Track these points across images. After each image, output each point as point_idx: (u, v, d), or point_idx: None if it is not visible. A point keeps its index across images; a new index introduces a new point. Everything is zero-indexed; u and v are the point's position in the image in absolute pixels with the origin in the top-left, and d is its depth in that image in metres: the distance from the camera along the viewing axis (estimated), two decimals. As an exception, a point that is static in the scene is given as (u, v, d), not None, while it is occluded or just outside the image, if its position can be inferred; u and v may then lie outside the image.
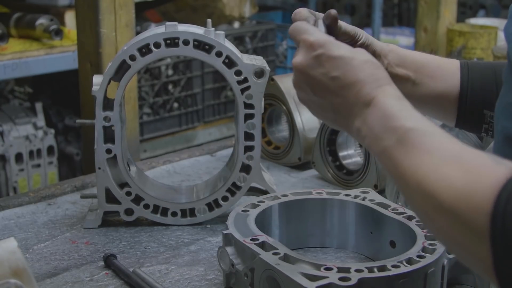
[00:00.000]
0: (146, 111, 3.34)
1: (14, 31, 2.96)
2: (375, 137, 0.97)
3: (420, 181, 0.87)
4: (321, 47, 1.03)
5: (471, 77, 1.25)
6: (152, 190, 1.61)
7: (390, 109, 0.96)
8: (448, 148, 0.89)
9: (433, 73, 1.26)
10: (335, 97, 1.02)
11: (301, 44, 1.07)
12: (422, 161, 0.88)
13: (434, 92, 1.25)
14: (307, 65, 1.04)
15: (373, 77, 1.01)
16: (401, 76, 1.25)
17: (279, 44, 3.96)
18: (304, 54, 1.05)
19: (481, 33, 2.94)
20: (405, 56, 1.26)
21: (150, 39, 1.49)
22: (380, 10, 4.44)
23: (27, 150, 3.09)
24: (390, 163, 0.94)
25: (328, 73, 1.02)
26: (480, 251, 0.80)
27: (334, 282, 1.09)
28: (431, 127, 0.93)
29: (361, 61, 1.02)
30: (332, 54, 1.02)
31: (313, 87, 1.05)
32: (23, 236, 1.52)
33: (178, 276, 1.36)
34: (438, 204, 0.84)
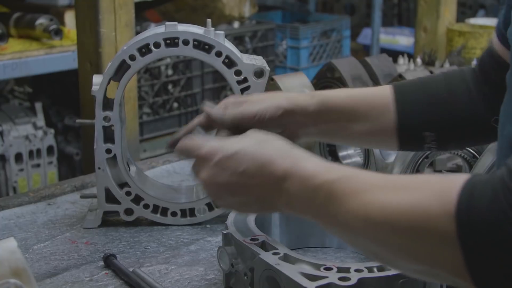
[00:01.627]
0: (146, 111, 3.34)
1: (14, 31, 2.96)
2: (303, 204, 0.96)
3: (366, 217, 0.86)
4: (215, 154, 1.04)
5: (404, 106, 1.23)
6: (152, 190, 1.60)
7: (306, 171, 0.96)
8: (382, 180, 0.89)
9: (366, 114, 1.24)
10: (252, 189, 1.02)
11: (197, 160, 1.08)
12: (360, 201, 0.87)
13: (370, 132, 1.24)
14: (213, 176, 1.05)
15: (275, 153, 1.01)
16: (334, 128, 1.25)
17: (279, 44, 3.96)
18: (204, 168, 1.06)
19: (481, 33, 2.94)
20: (333, 107, 1.23)
21: (150, 39, 1.49)
22: (379, 10, 4.44)
23: (27, 150, 3.09)
24: (327, 218, 0.93)
25: (235, 171, 1.02)
26: (449, 255, 0.79)
27: (334, 282, 1.10)
28: (352, 171, 0.93)
29: (256, 144, 1.03)
30: (228, 153, 1.03)
31: (229, 191, 1.05)
32: (23, 236, 1.52)
33: (178, 276, 1.36)
34: (392, 228, 0.84)
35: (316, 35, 4.01)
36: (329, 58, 3.95)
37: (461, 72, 1.27)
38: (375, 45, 4.42)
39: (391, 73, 2.21)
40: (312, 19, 4.39)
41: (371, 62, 2.22)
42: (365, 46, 4.85)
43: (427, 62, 2.79)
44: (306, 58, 3.97)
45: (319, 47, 4.03)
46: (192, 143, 1.09)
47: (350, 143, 1.30)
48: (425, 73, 2.07)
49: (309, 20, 4.38)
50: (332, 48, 4.11)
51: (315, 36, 4.01)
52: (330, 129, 1.25)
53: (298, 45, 3.94)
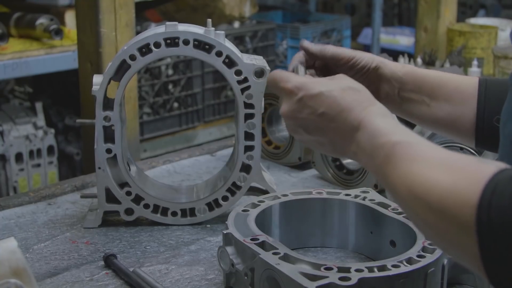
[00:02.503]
0: (146, 111, 3.34)
1: (14, 30, 2.96)
2: (368, 157, 1.01)
3: (409, 187, 0.91)
4: (300, 90, 1.09)
5: (488, 97, 1.23)
6: (152, 190, 1.61)
7: (376, 127, 1.01)
8: (433, 155, 0.92)
9: (450, 96, 1.25)
10: (327, 131, 1.07)
11: (282, 93, 1.12)
12: (409, 170, 0.92)
13: (450, 116, 1.25)
14: (293, 111, 1.09)
15: (355, 102, 1.05)
16: (415, 100, 1.26)
17: (279, 43, 3.96)
18: (287, 102, 1.10)
19: (481, 33, 2.94)
20: (421, 79, 1.26)
21: (150, 39, 1.49)
22: (380, 9, 4.44)
23: (27, 150, 3.09)
24: (383, 177, 0.98)
25: (315, 112, 1.07)
26: (468, 244, 0.82)
27: (334, 282, 1.09)
28: (415, 138, 0.97)
29: (340, 90, 1.07)
30: (312, 93, 1.07)
31: (306, 128, 1.10)
32: (23, 236, 1.52)
33: (178, 276, 1.36)
34: (427, 204, 0.87)
35: (316, 35, 4.01)
36: (329, 58, 3.94)
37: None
38: (375, 45, 4.42)
39: (391, 73, 2.20)
40: (312, 19, 4.39)
41: (371, 62, 2.22)
42: (365, 46, 4.85)
43: (428, 62, 2.80)
44: (307, 58, 3.96)
45: (320, 47, 4.03)
46: (280, 75, 1.12)
47: (427, 124, 1.29)
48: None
49: (309, 20, 4.38)
50: (333, 48, 4.10)
51: (316, 36, 4.01)
52: (411, 101, 1.25)
53: (299, 45, 3.94)
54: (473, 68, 2.53)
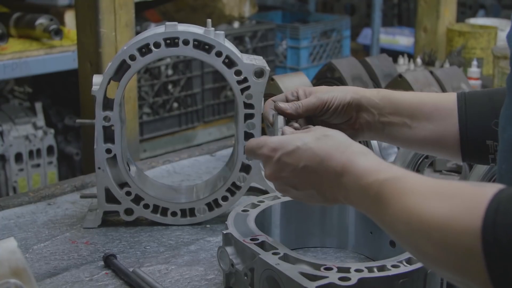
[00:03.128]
0: (146, 111, 3.34)
1: (14, 31, 2.96)
2: (358, 199, 1.00)
3: (406, 223, 0.89)
4: (276, 151, 1.09)
5: (468, 110, 1.23)
6: (152, 190, 1.61)
7: (360, 168, 1.00)
8: (424, 186, 0.91)
9: (429, 115, 1.24)
10: (314, 183, 1.07)
11: (261, 159, 1.13)
12: (403, 205, 0.91)
13: (433, 135, 1.24)
14: (276, 172, 1.09)
15: (333, 148, 1.05)
16: (396, 123, 1.25)
17: (279, 44, 3.96)
18: (268, 165, 1.11)
19: (481, 33, 2.94)
20: (398, 102, 1.25)
21: (150, 39, 1.49)
22: (380, 10, 4.45)
23: (26, 150, 3.09)
24: (377, 217, 0.97)
25: (296, 167, 1.07)
26: (475, 269, 0.81)
27: (334, 282, 1.10)
28: (402, 172, 0.96)
29: (315, 140, 1.07)
30: (288, 150, 1.07)
31: (292, 185, 1.10)
32: (23, 236, 1.52)
33: (178, 276, 1.36)
34: (427, 235, 0.86)
35: (316, 35, 4.01)
36: (329, 58, 3.95)
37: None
38: (375, 45, 4.42)
39: (391, 73, 2.21)
40: (312, 19, 4.39)
41: (371, 62, 2.22)
42: (365, 46, 4.85)
43: (427, 62, 2.80)
44: (306, 58, 3.97)
45: (319, 47, 4.03)
46: (256, 142, 1.13)
47: (412, 146, 1.29)
48: (425, 73, 2.07)
49: (309, 20, 4.38)
50: (332, 48, 4.11)
51: (315, 36, 4.01)
52: (393, 125, 1.25)
53: (298, 45, 3.94)
54: (473, 68, 2.53)
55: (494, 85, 2.49)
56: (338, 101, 1.24)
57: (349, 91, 1.26)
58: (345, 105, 1.24)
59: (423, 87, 2.00)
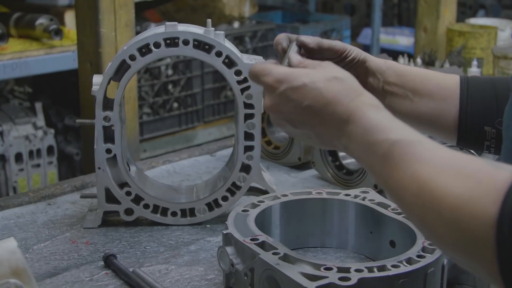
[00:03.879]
0: (146, 111, 3.34)
1: (14, 31, 2.96)
2: (362, 153, 0.96)
3: (416, 193, 0.86)
4: (281, 83, 1.03)
5: (470, 94, 1.22)
6: (152, 190, 1.61)
7: (370, 122, 0.95)
8: (440, 156, 0.87)
9: (432, 91, 1.23)
10: (314, 125, 1.02)
11: (264, 87, 1.07)
12: (415, 173, 0.86)
13: (433, 111, 1.23)
14: (276, 105, 1.04)
15: (342, 93, 1.00)
16: (398, 94, 1.24)
17: (279, 44, 3.96)
18: (269, 95, 1.05)
19: (481, 33, 2.94)
20: (404, 73, 1.24)
21: (150, 39, 1.49)
22: (380, 10, 4.45)
23: (27, 150, 3.09)
24: (381, 177, 0.93)
25: (299, 105, 1.02)
26: (485, 256, 0.78)
27: (334, 282, 1.09)
28: (416, 136, 0.92)
29: (325, 81, 1.01)
30: (295, 85, 1.02)
31: (291, 121, 1.05)
32: (23, 236, 1.52)
33: (178, 276, 1.36)
34: (437, 213, 0.83)
35: (316, 35, 4.00)
36: (329, 58, 3.95)
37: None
38: (375, 45, 4.42)
39: (391, 73, 2.21)
40: (312, 19, 4.39)
41: (371, 62, 2.22)
42: (365, 46, 4.85)
43: (427, 62, 2.80)
44: (306, 58, 3.97)
45: (319, 47, 4.03)
46: (262, 68, 1.07)
47: (409, 120, 1.24)
48: (425, 73, 2.07)
49: (309, 20, 4.38)
50: (332, 48, 4.10)
51: (315, 36, 4.01)
52: (395, 95, 1.24)
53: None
54: (473, 68, 2.53)
55: (494, 85, 2.49)
56: (355, 54, 1.22)
57: (362, 52, 1.24)
58: (358, 61, 1.22)
59: (423, 87, 2.00)
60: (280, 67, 1.07)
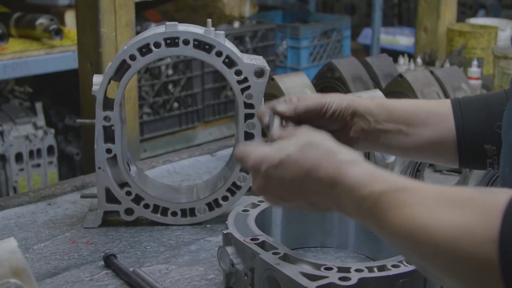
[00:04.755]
0: (146, 111, 3.34)
1: (14, 30, 2.96)
2: (354, 211, 0.96)
3: (410, 234, 0.85)
4: (261, 164, 1.04)
5: (465, 115, 1.21)
6: (152, 190, 1.61)
7: (353, 180, 0.95)
8: (428, 194, 0.87)
9: (425, 120, 1.22)
10: (303, 195, 1.03)
11: (248, 170, 1.09)
12: (405, 216, 0.86)
13: (430, 140, 1.21)
14: (263, 185, 1.05)
15: (320, 158, 1.00)
16: (392, 131, 1.22)
17: (279, 44, 3.96)
18: (255, 178, 1.07)
19: (481, 33, 2.94)
20: (393, 108, 1.23)
21: (150, 39, 1.49)
22: (380, 10, 4.45)
23: (27, 150, 3.09)
24: (376, 229, 0.93)
25: (283, 181, 1.03)
26: (490, 281, 0.77)
27: (334, 282, 1.09)
28: (400, 182, 0.91)
29: (299, 151, 1.02)
30: (274, 163, 1.03)
31: (281, 197, 1.06)
32: (23, 235, 1.52)
33: (178, 276, 1.36)
34: (435, 248, 0.82)
35: (316, 35, 4.01)
36: (329, 58, 3.95)
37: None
38: (375, 45, 4.42)
39: (391, 73, 2.21)
40: (312, 19, 4.40)
41: (371, 62, 2.22)
42: (365, 46, 4.85)
43: (428, 62, 2.80)
44: (307, 58, 3.97)
45: (320, 47, 4.03)
46: (242, 152, 1.08)
47: (409, 154, 1.25)
48: (425, 73, 2.07)
49: (309, 20, 4.38)
50: (333, 48, 4.11)
51: (316, 36, 4.01)
52: (389, 133, 1.22)
53: (299, 45, 3.94)
54: (473, 68, 2.53)
55: (494, 85, 2.49)
56: (336, 105, 1.20)
57: (344, 97, 1.22)
58: (342, 110, 1.20)
59: (423, 87, 2.00)
60: (259, 148, 1.07)
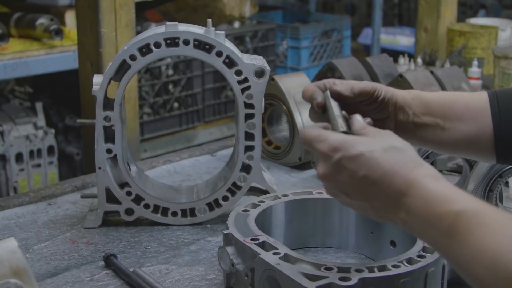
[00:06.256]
0: (147, 111, 3.34)
1: (14, 31, 2.96)
2: (423, 227, 0.91)
3: (490, 266, 0.80)
4: (337, 151, 0.99)
5: (502, 108, 1.17)
6: (152, 190, 1.60)
7: (431, 193, 0.90)
8: (509, 224, 0.83)
9: (462, 114, 1.18)
10: (369, 196, 0.98)
11: (318, 154, 1.03)
12: (486, 246, 0.81)
13: (467, 135, 1.17)
14: (331, 173, 1.00)
15: (400, 164, 0.95)
16: (429, 124, 1.18)
17: (280, 44, 3.96)
18: (324, 164, 1.01)
19: (482, 33, 2.94)
20: (430, 102, 1.19)
21: (150, 39, 1.49)
22: (380, 10, 4.44)
23: (27, 150, 3.09)
24: (447, 252, 0.88)
25: (354, 175, 0.97)
26: None
27: (334, 282, 1.09)
28: (480, 205, 0.87)
29: (382, 150, 0.97)
30: (351, 154, 0.98)
31: (345, 192, 1.01)
32: (24, 236, 1.52)
33: (179, 276, 1.36)
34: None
35: (316, 35, 4.01)
36: (329, 58, 3.95)
37: None
38: (375, 45, 4.42)
39: (391, 73, 2.21)
40: (312, 19, 4.39)
41: (371, 62, 2.22)
42: (365, 46, 4.85)
43: (428, 62, 2.80)
44: (307, 58, 3.97)
45: (320, 47, 4.03)
46: (317, 134, 1.02)
47: (445, 149, 1.21)
48: (425, 73, 2.07)
49: (309, 20, 4.38)
50: (333, 48, 4.11)
51: (316, 36, 4.01)
52: (426, 126, 1.18)
53: (299, 45, 3.94)
54: (474, 68, 2.53)
55: (495, 84, 2.50)
56: (385, 93, 1.17)
57: (388, 87, 1.19)
58: (388, 99, 1.17)
59: (424, 87, 2.00)
60: (336, 134, 1.02)
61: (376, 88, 1.16)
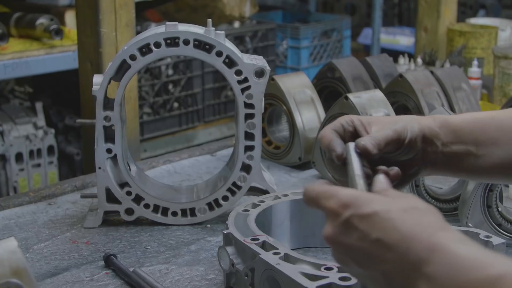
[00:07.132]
0: (146, 111, 3.34)
1: (14, 30, 2.96)
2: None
3: None
4: (347, 208, 0.87)
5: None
6: (152, 190, 1.60)
7: (460, 260, 0.78)
8: None
9: (495, 139, 1.06)
10: (384, 263, 0.84)
11: (325, 211, 0.91)
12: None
13: (503, 159, 1.06)
14: (338, 234, 0.87)
15: (422, 226, 0.82)
16: (461, 153, 1.07)
17: (279, 44, 3.96)
18: (331, 223, 0.89)
19: (482, 33, 2.94)
20: (459, 128, 1.07)
21: (150, 39, 1.49)
22: (380, 9, 4.44)
23: (27, 150, 3.09)
24: None
25: (366, 237, 0.84)
26: None
27: (334, 282, 1.09)
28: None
29: (400, 211, 0.84)
30: (363, 212, 0.85)
31: (354, 258, 0.87)
32: (23, 235, 1.52)
33: (178, 276, 1.36)
34: None
35: (316, 35, 4.01)
36: (329, 58, 3.95)
37: None
38: (375, 45, 4.42)
39: (391, 73, 2.21)
40: (312, 19, 4.39)
41: (371, 62, 2.22)
42: (365, 46, 4.85)
43: (428, 62, 2.80)
44: (307, 58, 3.97)
45: (320, 47, 4.03)
46: (325, 189, 0.91)
47: (480, 177, 1.11)
48: (425, 73, 2.07)
49: (309, 20, 4.38)
50: (333, 48, 4.11)
51: (316, 36, 4.01)
52: (457, 156, 1.07)
53: (299, 45, 3.94)
54: (473, 68, 2.53)
55: (495, 84, 2.49)
56: (410, 132, 1.05)
57: (412, 120, 1.07)
58: (415, 136, 1.05)
59: (424, 87, 2.00)
60: (347, 189, 0.91)
61: (400, 134, 1.04)
